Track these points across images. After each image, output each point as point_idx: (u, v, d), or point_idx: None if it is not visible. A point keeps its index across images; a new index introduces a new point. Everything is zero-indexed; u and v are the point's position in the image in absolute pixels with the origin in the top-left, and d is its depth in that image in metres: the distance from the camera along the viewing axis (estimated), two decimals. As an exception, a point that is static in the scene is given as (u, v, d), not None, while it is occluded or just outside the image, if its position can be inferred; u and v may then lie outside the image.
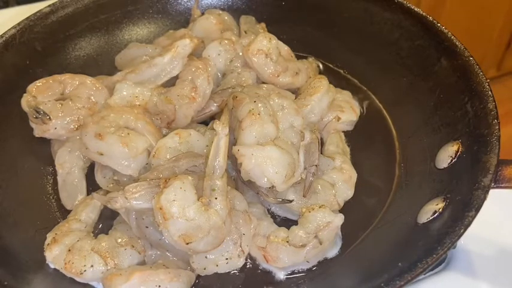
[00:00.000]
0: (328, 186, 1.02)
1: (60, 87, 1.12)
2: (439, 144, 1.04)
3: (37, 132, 1.09)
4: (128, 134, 1.00)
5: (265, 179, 0.94)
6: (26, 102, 1.07)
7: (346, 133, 1.18)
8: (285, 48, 1.24)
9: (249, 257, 0.97)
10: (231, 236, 0.89)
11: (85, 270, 0.90)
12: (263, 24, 1.34)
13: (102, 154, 0.99)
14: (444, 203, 0.92)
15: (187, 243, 0.84)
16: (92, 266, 0.91)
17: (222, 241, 0.87)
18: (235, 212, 0.91)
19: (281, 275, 0.95)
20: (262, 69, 1.17)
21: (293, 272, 0.95)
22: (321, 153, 1.07)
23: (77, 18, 1.27)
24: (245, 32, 1.29)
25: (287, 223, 1.00)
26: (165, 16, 1.38)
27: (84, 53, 1.28)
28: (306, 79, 1.21)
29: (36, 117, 1.06)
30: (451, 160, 1.00)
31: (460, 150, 0.99)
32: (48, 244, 0.94)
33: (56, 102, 1.09)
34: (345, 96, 1.22)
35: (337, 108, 1.17)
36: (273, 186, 0.95)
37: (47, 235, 0.96)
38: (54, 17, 1.24)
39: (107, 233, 0.97)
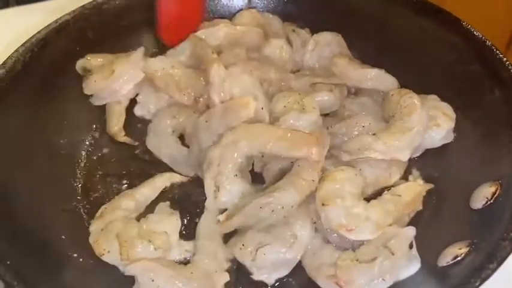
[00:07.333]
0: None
1: None
2: (477, 182, 0.96)
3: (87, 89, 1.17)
4: None
5: None
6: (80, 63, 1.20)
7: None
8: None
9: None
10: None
11: (103, 254, 0.94)
12: (307, 30, 1.30)
13: None
14: (468, 249, 0.85)
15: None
16: (109, 251, 0.93)
17: None
18: None
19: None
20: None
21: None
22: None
23: (130, 10, 1.29)
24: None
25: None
26: (217, 15, 1.37)
27: (131, 45, 1.28)
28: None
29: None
30: (487, 202, 0.92)
31: (498, 192, 0.91)
32: (97, 217, 0.99)
33: None
34: (431, 101, 1.09)
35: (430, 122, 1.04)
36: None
37: (102, 206, 1.01)
38: (108, 7, 1.26)
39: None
